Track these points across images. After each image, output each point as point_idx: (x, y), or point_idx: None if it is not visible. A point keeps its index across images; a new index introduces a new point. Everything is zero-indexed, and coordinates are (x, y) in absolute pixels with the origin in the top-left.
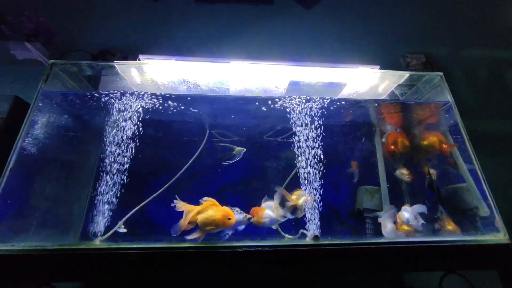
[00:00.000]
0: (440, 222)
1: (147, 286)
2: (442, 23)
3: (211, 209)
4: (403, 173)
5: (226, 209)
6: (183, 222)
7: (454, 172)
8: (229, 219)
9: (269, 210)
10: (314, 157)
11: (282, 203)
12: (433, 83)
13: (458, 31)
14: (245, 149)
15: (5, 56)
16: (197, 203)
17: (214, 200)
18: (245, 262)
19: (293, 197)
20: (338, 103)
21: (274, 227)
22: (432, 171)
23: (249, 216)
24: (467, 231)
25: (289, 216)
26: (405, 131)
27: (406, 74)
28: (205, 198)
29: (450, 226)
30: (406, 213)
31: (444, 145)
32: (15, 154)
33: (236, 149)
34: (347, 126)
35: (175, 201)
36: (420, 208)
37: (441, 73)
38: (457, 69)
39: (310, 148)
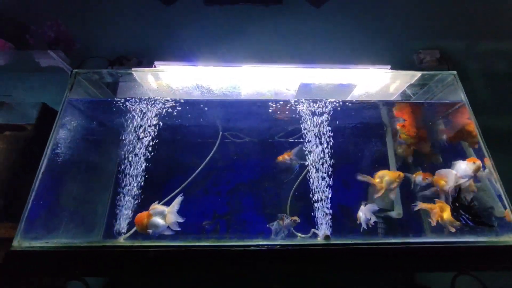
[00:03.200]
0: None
1: (166, 281)
2: (456, 15)
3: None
4: (419, 179)
5: None
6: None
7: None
8: None
9: (157, 218)
10: (325, 156)
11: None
12: (446, 82)
13: (474, 23)
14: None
15: (30, 64)
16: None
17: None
18: (257, 260)
19: (376, 180)
20: (349, 104)
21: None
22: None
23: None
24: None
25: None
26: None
27: (418, 74)
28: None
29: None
30: (361, 212)
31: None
32: (46, 158)
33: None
34: (358, 127)
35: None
36: (372, 207)
37: (455, 72)
38: (473, 64)
39: (321, 148)
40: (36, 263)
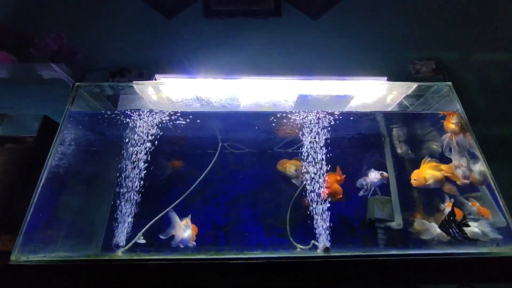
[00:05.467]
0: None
1: None
2: (452, 26)
3: None
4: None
5: None
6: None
7: None
8: None
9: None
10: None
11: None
12: (441, 93)
13: (469, 34)
14: None
15: (33, 76)
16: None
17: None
18: (256, 272)
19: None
20: (346, 116)
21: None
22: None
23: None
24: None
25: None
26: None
27: (414, 85)
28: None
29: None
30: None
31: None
32: (46, 171)
33: None
34: (355, 137)
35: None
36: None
37: (450, 83)
38: (469, 74)
39: (319, 159)
40: (33, 277)
